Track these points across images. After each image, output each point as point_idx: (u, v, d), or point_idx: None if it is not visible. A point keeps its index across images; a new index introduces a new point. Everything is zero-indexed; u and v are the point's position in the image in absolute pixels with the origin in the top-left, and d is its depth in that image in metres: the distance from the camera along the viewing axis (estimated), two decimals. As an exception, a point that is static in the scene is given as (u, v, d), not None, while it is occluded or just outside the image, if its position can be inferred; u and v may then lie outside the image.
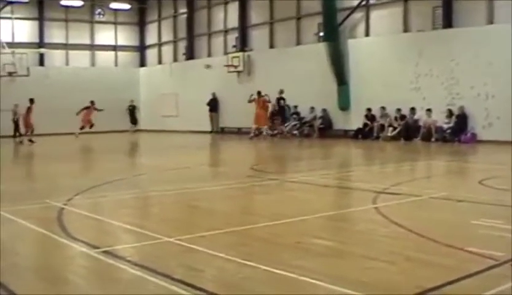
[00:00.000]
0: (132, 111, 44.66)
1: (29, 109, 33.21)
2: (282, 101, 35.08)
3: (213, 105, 41.13)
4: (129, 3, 48.20)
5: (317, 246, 8.12)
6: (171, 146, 28.09)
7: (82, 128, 36.54)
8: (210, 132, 40.83)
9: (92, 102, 37.94)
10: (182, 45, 46.76)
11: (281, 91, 34.27)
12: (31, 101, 33.39)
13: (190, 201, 12.77)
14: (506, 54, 26.06)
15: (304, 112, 34.91)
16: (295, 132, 34.00)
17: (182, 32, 46.71)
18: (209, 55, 44.28)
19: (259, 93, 34.46)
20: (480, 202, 11.40)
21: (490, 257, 7.10)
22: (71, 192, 13.05)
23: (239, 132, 37.78)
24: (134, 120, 44.50)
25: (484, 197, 11.94)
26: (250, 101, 34.33)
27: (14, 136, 36.21)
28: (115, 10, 48.59)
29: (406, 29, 31.55)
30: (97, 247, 7.97)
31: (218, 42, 43.69)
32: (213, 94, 40.58)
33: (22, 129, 34.45)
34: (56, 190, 14.17)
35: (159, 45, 49.86)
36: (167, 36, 49.04)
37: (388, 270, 6.92)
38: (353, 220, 10.51)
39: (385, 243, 8.30)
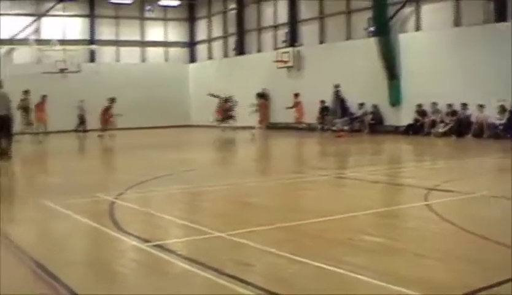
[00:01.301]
0: None
1: (108, 107, 33.12)
2: (339, 94, 34.33)
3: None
4: (179, 0, 48.43)
5: (367, 243, 8.09)
6: (219, 141, 28.13)
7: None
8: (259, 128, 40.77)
9: (112, 100, 36.33)
10: (232, 41, 46.81)
11: (337, 85, 33.39)
12: (112, 100, 33.66)
13: (240, 196, 12.80)
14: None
15: (354, 107, 34.72)
16: (345, 127, 33.82)
17: (232, 28, 46.77)
18: (259, 50, 44.26)
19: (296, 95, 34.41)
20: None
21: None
22: (122, 187, 13.17)
23: (289, 127, 37.64)
24: None
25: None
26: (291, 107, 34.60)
27: (76, 131, 36.44)
28: (165, 6, 48.81)
29: (457, 23, 31.15)
30: (148, 241, 8.04)
31: (268, 37, 43.63)
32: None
33: (100, 125, 33.85)
34: (107, 184, 14.31)
35: (209, 40, 49.97)
36: (217, 32, 49.14)
37: (438, 268, 6.85)
38: (404, 217, 10.42)
39: (436, 241, 8.22)
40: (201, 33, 50.70)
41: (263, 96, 37.35)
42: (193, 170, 18.13)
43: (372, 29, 33.73)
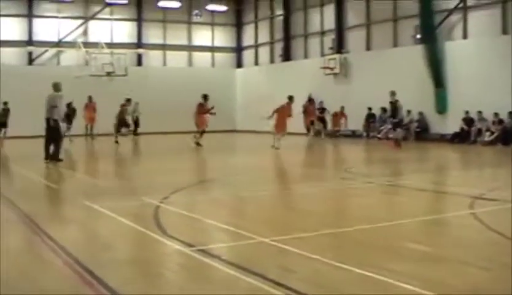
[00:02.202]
0: None
1: (202, 107, 31.14)
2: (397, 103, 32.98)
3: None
4: (226, 5, 48.65)
5: (412, 251, 8.06)
6: (264, 147, 28.11)
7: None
8: (306, 134, 40.53)
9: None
10: (279, 47, 46.87)
11: (393, 93, 31.74)
12: (205, 97, 31.80)
13: (284, 202, 12.84)
14: None
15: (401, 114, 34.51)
16: (391, 135, 33.62)
17: (279, 34, 46.83)
18: (306, 56, 44.25)
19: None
20: None
21: None
22: (167, 190, 13.26)
23: (337, 134, 37.50)
24: None
25: None
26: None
27: (134, 133, 36.79)
28: (212, 11, 49.04)
29: (504, 31, 30.88)
30: (193, 246, 8.09)
31: (314, 43, 43.61)
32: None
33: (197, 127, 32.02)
34: (152, 188, 14.41)
35: (256, 46, 50.08)
36: (263, 37, 49.22)
37: (483, 276, 6.81)
38: (449, 225, 10.36)
39: (482, 249, 8.16)
40: (248, 38, 50.82)
41: (310, 100, 37.47)
42: (238, 175, 18.18)
43: (419, 36, 33.56)
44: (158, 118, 40.67)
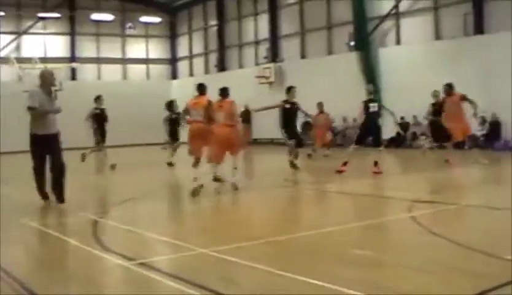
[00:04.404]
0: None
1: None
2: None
3: (246, 117, 40.96)
4: (160, 17, 48.53)
5: (356, 256, 8.05)
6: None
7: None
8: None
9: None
10: (213, 57, 46.90)
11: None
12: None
13: (226, 212, 12.77)
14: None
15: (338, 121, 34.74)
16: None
17: (213, 44, 46.88)
18: (240, 66, 44.35)
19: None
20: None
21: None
22: (106, 205, 13.11)
23: (272, 143, 37.55)
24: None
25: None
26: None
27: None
28: (146, 23, 48.89)
29: (437, 37, 31.37)
30: (133, 259, 7.96)
31: (249, 53, 43.75)
32: (246, 106, 40.36)
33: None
34: (90, 203, 14.22)
35: (191, 57, 50.02)
36: (198, 48, 49.21)
37: (427, 279, 6.82)
38: (391, 229, 10.40)
39: (424, 253, 8.19)
40: (183, 50, 50.78)
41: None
42: (174, 187, 18.06)
43: (353, 43, 33.87)
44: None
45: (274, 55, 40.50)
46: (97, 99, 24.89)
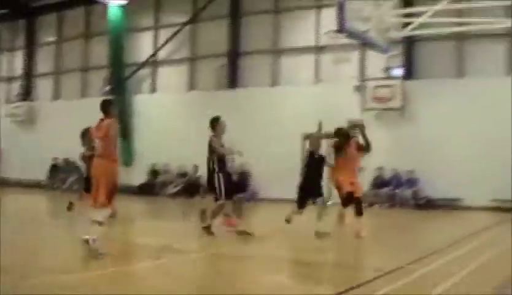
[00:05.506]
0: None
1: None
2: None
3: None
4: None
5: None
6: None
7: None
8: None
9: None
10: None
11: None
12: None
13: None
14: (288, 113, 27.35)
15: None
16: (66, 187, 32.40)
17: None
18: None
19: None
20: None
21: None
22: None
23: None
24: None
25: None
26: None
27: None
28: None
29: (192, 87, 31.99)
30: None
31: (0, 90, 42.00)
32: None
33: None
34: None
35: None
36: None
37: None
38: (143, 277, 10.13)
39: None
40: None
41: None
42: None
43: (107, 88, 33.69)
44: None
45: (27, 94, 39.23)
46: None
